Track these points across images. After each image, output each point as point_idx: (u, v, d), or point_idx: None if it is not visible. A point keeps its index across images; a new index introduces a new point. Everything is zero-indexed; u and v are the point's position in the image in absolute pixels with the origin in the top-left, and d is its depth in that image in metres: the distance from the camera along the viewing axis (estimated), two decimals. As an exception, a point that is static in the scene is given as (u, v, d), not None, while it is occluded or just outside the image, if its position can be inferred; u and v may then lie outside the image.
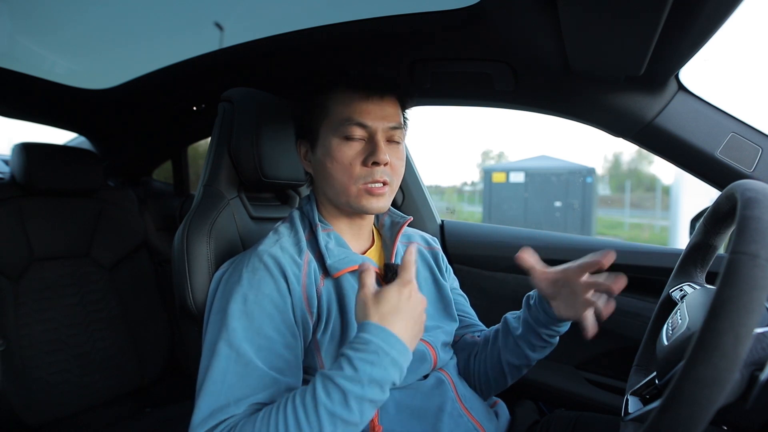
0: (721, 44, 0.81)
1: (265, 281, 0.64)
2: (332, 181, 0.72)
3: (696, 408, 0.35)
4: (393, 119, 0.72)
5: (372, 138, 0.70)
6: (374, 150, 0.69)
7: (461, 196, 12.82)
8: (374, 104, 0.70)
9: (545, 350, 0.77)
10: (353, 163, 0.70)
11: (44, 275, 1.34)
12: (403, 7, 0.86)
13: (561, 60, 0.84)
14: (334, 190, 0.72)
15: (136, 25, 1.23)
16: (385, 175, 0.70)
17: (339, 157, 0.70)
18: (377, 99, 0.71)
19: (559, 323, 0.73)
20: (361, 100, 0.70)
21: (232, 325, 0.60)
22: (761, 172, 0.81)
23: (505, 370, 0.79)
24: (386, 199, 0.73)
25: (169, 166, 1.96)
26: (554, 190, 8.16)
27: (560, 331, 0.75)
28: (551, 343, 0.76)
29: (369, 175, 0.69)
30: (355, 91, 0.71)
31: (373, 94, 0.70)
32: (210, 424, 0.55)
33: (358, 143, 0.70)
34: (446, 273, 0.88)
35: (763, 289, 0.35)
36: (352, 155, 0.70)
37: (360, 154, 0.70)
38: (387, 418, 0.67)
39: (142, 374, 1.47)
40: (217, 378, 0.57)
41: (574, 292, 0.67)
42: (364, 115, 0.70)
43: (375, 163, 0.69)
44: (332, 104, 0.72)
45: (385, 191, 0.71)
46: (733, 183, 0.48)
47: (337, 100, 0.72)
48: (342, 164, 0.70)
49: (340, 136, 0.70)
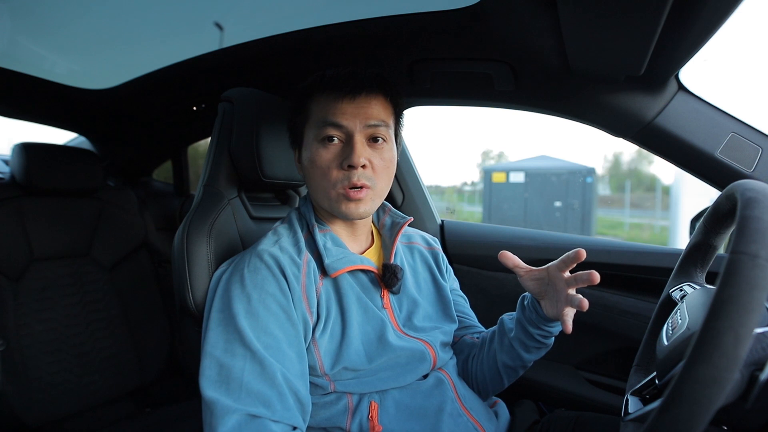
0: (721, 44, 0.81)
1: (268, 280, 0.64)
2: (314, 185, 0.71)
3: (696, 408, 0.35)
4: (374, 117, 0.69)
5: (349, 140, 0.68)
6: (349, 153, 0.67)
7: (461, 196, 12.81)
8: (348, 103, 0.68)
9: (540, 351, 0.77)
10: (330, 167, 0.68)
11: (44, 275, 1.34)
12: (403, 7, 0.86)
13: (561, 60, 0.84)
14: (318, 195, 0.72)
15: (136, 25, 1.23)
16: (364, 178, 0.67)
17: (317, 161, 0.69)
18: (350, 97, 0.68)
19: (550, 323, 0.73)
20: (335, 100, 0.68)
21: (241, 324, 0.60)
22: (761, 172, 0.81)
23: (501, 372, 0.79)
24: (367, 203, 0.69)
25: (169, 166, 1.96)
26: (554, 190, 8.15)
27: (553, 332, 0.75)
28: (545, 344, 0.76)
29: (345, 179, 0.67)
30: (332, 91, 0.69)
31: (347, 92, 0.68)
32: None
33: (335, 146, 0.69)
34: (446, 273, 0.88)
35: (763, 289, 0.35)
36: (329, 159, 0.68)
37: (337, 157, 0.68)
38: (387, 418, 0.67)
39: (142, 374, 1.47)
40: (236, 377, 0.58)
41: (557, 290, 0.68)
42: (338, 115, 0.68)
43: (350, 166, 0.67)
44: (312, 107, 0.71)
45: (363, 196, 0.68)
46: (733, 183, 0.48)
47: (316, 102, 0.71)
48: (320, 168, 0.69)
49: (318, 139, 0.69)
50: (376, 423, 0.66)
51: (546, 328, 0.73)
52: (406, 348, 0.70)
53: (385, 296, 0.74)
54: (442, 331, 0.79)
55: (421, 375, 0.73)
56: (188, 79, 1.34)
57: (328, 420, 0.67)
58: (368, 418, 0.66)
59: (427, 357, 0.73)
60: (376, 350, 0.68)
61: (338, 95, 0.68)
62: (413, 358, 0.71)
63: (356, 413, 0.67)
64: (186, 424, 1.25)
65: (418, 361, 0.72)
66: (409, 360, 0.71)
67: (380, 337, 0.69)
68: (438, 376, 0.74)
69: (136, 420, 1.30)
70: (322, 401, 0.67)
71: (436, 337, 0.76)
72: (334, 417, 0.67)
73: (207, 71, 1.27)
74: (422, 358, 0.72)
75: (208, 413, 0.57)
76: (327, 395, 0.68)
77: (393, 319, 0.74)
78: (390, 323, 0.72)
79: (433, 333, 0.77)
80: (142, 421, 1.29)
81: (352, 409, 0.67)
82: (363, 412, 0.67)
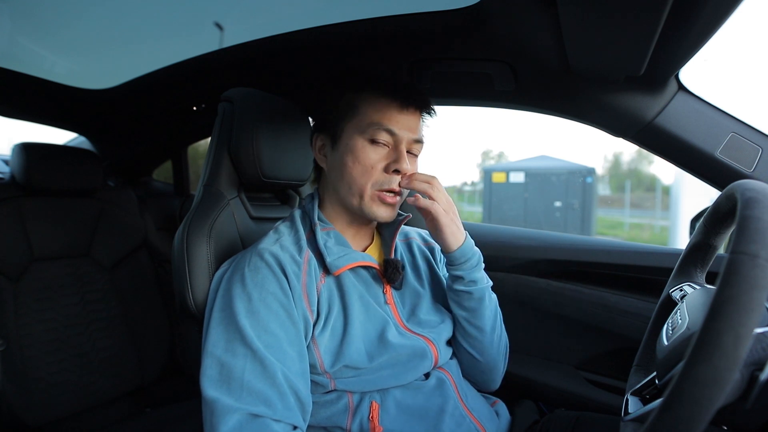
0: (721, 44, 0.81)
1: (268, 279, 0.64)
2: (349, 179, 0.72)
3: (696, 408, 0.35)
4: (417, 132, 0.74)
5: (397, 146, 0.71)
6: (398, 158, 0.70)
7: (461, 196, 12.82)
8: (400, 112, 0.71)
9: (469, 301, 0.77)
10: (375, 167, 0.71)
11: (44, 275, 1.34)
12: (403, 7, 0.86)
13: (561, 60, 0.84)
14: (348, 190, 0.72)
15: (136, 25, 1.23)
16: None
17: (362, 158, 0.70)
18: (404, 107, 0.72)
19: (447, 254, 0.75)
20: (395, 109, 0.71)
21: (242, 323, 0.60)
22: (761, 172, 0.81)
23: (462, 336, 0.80)
24: (395, 209, 0.74)
25: (169, 166, 1.96)
26: (554, 190, 8.15)
27: (456, 263, 0.75)
28: (466, 291, 0.76)
29: (387, 182, 0.71)
30: (392, 99, 0.71)
31: (408, 105, 0.72)
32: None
33: (383, 148, 0.71)
34: (440, 264, 0.89)
35: (763, 289, 0.35)
36: (375, 159, 0.71)
37: (383, 159, 0.71)
38: (388, 418, 0.67)
39: (142, 374, 1.47)
40: (237, 376, 0.58)
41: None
42: (394, 123, 0.71)
43: (396, 171, 0.70)
44: (362, 105, 0.72)
45: (396, 201, 0.73)
46: (733, 183, 0.48)
47: (368, 102, 0.72)
48: (364, 165, 0.70)
49: (366, 137, 0.71)
50: (376, 423, 0.66)
51: (452, 267, 0.76)
52: (407, 346, 0.70)
53: (387, 292, 0.75)
54: (447, 325, 0.79)
55: (422, 373, 0.73)
56: (188, 79, 1.34)
57: (328, 419, 0.67)
58: (369, 418, 0.66)
59: (429, 355, 0.73)
60: (377, 348, 0.69)
61: (391, 101, 0.71)
62: (414, 356, 0.71)
63: (357, 413, 0.67)
64: (186, 424, 1.24)
65: (420, 359, 0.72)
66: (410, 358, 0.71)
67: (381, 335, 0.70)
68: (440, 377, 0.74)
69: (136, 420, 1.30)
70: (322, 400, 0.67)
71: (441, 333, 0.77)
72: (335, 416, 0.67)
73: (207, 71, 1.26)
74: (423, 355, 0.72)
75: (208, 412, 0.57)
76: (327, 394, 0.68)
77: (396, 315, 0.74)
78: (393, 319, 0.73)
79: (438, 328, 0.77)
80: (142, 421, 1.28)
81: (353, 409, 0.67)
82: (363, 412, 0.67)
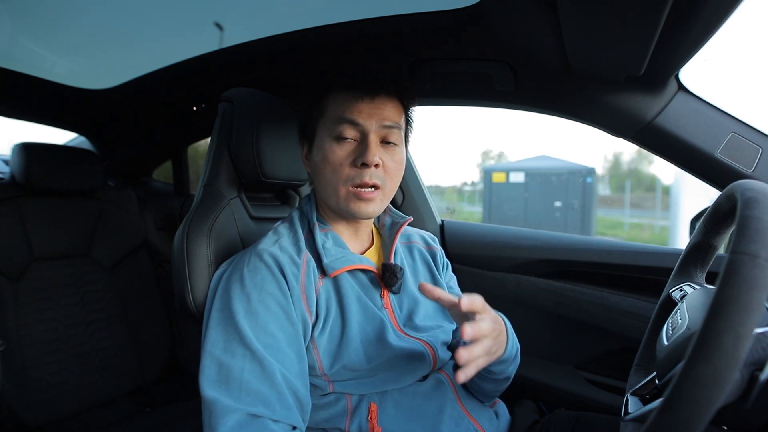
0: (721, 44, 0.81)
1: (268, 280, 0.64)
2: (324, 182, 0.71)
3: (696, 408, 0.35)
4: (389, 119, 0.70)
5: (364, 138, 0.69)
6: (363, 151, 0.68)
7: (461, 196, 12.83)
8: (366, 103, 0.69)
9: (496, 383, 0.76)
10: (343, 164, 0.69)
11: (44, 275, 1.34)
12: (403, 7, 0.86)
13: (561, 60, 0.84)
14: (326, 192, 0.72)
15: (136, 25, 1.23)
16: (376, 177, 0.68)
17: (330, 157, 0.69)
18: (369, 98, 0.69)
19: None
20: (354, 99, 0.69)
21: (240, 324, 0.60)
22: (761, 172, 0.81)
23: (479, 388, 0.78)
24: (376, 204, 0.70)
25: (169, 166, 1.96)
26: (554, 190, 8.16)
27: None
28: (492, 378, 0.74)
29: (357, 176, 0.68)
30: (356, 90, 0.70)
31: (366, 92, 0.69)
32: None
33: (349, 144, 0.69)
34: (443, 270, 0.88)
35: (763, 289, 0.35)
36: (342, 156, 0.69)
37: (350, 154, 0.69)
38: (387, 419, 0.67)
39: (142, 374, 1.47)
40: (236, 377, 0.58)
41: None
42: (356, 114, 0.69)
43: (364, 165, 0.67)
44: (329, 104, 0.72)
45: (374, 196, 0.69)
46: (733, 183, 0.48)
47: (333, 100, 0.71)
48: (332, 164, 0.69)
49: (332, 135, 0.70)
50: (375, 424, 0.66)
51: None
52: (405, 349, 0.70)
53: (385, 296, 0.74)
54: (444, 330, 0.78)
55: (420, 376, 0.73)
56: (188, 79, 1.34)
57: (327, 421, 0.67)
58: (368, 419, 0.66)
59: (427, 358, 0.73)
60: (376, 350, 0.68)
61: (357, 94, 0.69)
62: (413, 358, 0.71)
63: (355, 414, 0.67)
64: (186, 424, 1.24)
65: (418, 361, 0.71)
66: (408, 361, 0.70)
67: (380, 337, 0.69)
68: (438, 378, 0.74)
69: (136, 420, 1.30)
70: (321, 402, 0.67)
71: (437, 337, 0.76)
72: (333, 418, 0.67)
73: (207, 71, 1.26)
74: (422, 358, 0.72)
75: (207, 413, 0.57)
76: (326, 396, 0.68)
77: (393, 319, 0.74)
78: (390, 323, 0.72)
79: (435, 332, 0.76)
80: (142, 421, 1.28)
81: (351, 411, 0.67)
82: (362, 413, 0.67)
